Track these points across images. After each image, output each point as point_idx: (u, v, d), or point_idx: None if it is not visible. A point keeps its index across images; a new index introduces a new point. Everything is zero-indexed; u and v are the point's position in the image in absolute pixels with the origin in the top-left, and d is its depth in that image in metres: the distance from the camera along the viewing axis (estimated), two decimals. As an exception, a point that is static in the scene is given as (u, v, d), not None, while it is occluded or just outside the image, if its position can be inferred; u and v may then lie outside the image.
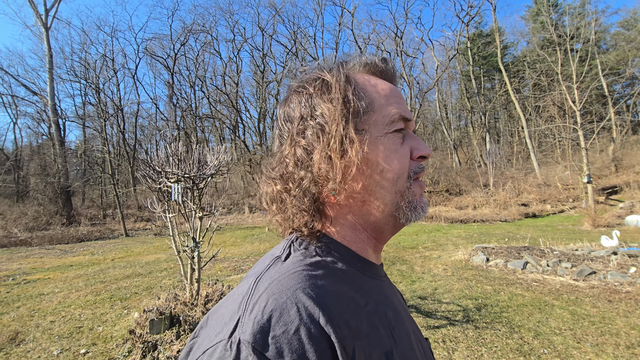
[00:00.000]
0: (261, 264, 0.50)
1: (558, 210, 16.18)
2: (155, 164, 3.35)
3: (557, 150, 27.49)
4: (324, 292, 0.42)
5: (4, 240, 13.49)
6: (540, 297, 4.41)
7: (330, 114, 0.51)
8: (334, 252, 0.51)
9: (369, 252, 0.56)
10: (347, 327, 0.40)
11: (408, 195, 0.53)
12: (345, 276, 0.48)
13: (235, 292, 0.46)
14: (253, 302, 0.40)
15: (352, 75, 0.55)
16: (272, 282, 0.42)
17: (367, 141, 0.51)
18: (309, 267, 0.45)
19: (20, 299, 5.45)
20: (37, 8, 21.87)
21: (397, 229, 0.56)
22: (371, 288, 0.51)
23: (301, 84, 0.56)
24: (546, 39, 25.94)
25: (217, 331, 0.39)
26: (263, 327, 0.37)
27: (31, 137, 33.26)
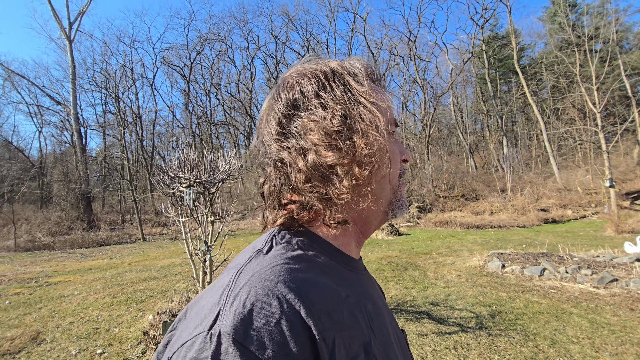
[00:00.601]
0: (242, 256, 0.49)
1: (579, 215, 15.66)
2: (169, 169, 3.45)
3: (577, 153, 26.63)
4: (305, 285, 0.42)
5: (29, 245, 14.04)
6: (557, 305, 4.28)
7: (352, 107, 0.52)
8: (316, 246, 0.52)
9: (352, 247, 0.57)
10: (329, 318, 0.41)
11: (398, 193, 0.57)
12: (327, 269, 0.49)
13: (215, 285, 0.45)
14: (234, 295, 0.40)
15: (364, 79, 0.57)
16: (254, 274, 0.42)
17: (386, 138, 0.53)
18: (290, 260, 0.46)
19: (42, 300, 5.66)
20: (61, 22, 22.92)
21: (382, 224, 0.59)
22: (352, 281, 0.52)
23: (316, 80, 0.55)
24: (564, 40, 25.34)
25: (196, 323, 0.39)
26: (244, 319, 0.37)
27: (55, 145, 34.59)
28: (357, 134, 0.51)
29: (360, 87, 0.53)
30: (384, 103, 0.56)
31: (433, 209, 19.08)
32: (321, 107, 0.52)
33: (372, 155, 0.51)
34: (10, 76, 26.78)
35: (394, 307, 4.43)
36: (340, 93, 0.52)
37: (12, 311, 5.09)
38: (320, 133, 0.50)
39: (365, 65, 0.58)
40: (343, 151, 0.50)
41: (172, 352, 0.38)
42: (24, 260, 10.60)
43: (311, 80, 0.54)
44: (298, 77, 0.55)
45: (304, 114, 0.52)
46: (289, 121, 0.53)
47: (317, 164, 0.50)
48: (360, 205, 0.53)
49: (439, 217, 16.29)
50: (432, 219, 15.94)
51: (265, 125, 0.56)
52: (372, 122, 0.52)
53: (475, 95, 37.81)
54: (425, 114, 30.63)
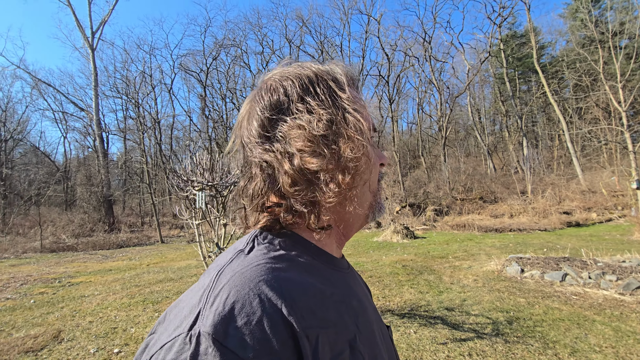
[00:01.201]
0: (224, 257, 0.49)
1: (605, 218, 15.01)
2: (182, 173, 3.52)
3: (602, 154, 25.60)
4: (287, 283, 0.42)
5: (54, 246, 14.60)
6: (579, 312, 4.11)
7: (336, 112, 0.53)
8: (298, 246, 0.52)
9: (333, 247, 0.59)
10: (313, 316, 0.41)
11: (378, 196, 0.59)
12: (309, 268, 0.49)
13: (196, 286, 0.45)
14: (214, 295, 0.39)
15: (346, 85, 0.58)
16: (235, 274, 0.42)
17: (368, 141, 0.55)
18: (272, 260, 0.46)
19: (64, 300, 5.86)
20: (84, 31, 23.87)
21: (363, 226, 0.60)
22: (336, 279, 0.53)
23: (307, 80, 0.56)
24: (587, 37, 24.48)
25: (175, 325, 0.39)
26: (224, 318, 0.36)
27: (78, 149, 36.00)
28: (343, 138, 0.51)
29: (342, 93, 0.54)
30: (364, 109, 0.57)
31: (450, 211, 18.72)
32: (307, 111, 0.52)
33: (357, 160, 0.51)
34: (38, 84, 28.07)
35: (408, 312, 4.36)
36: (325, 97, 0.53)
37: (37, 310, 5.29)
38: (306, 138, 0.50)
39: (345, 70, 0.58)
40: (328, 156, 0.50)
41: (150, 354, 0.37)
42: (49, 261, 11.02)
43: (295, 83, 0.54)
44: (281, 79, 0.55)
45: (289, 118, 0.52)
46: (273, 124, 0.53)
47: (302, 169, 0.50)
48: (346, 209, 0.54)
49: (456, 220, 15.95)
50: (448, 222, 15.62)
51: (247, 127, 0.56)
52: (357, 127, 0.52)
53: (493, 96, 36.99)
54: (441, 115, 30.15)
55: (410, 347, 3.33)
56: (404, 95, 37.42)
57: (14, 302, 5.79)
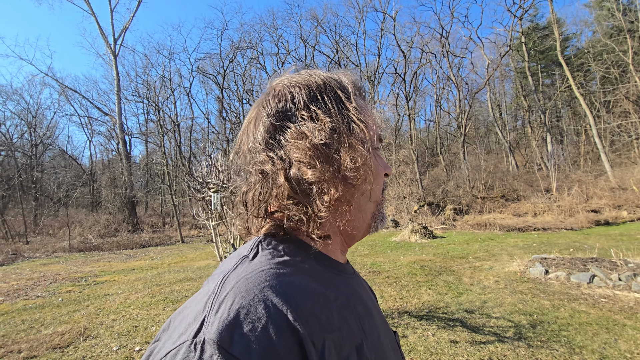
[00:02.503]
0: (228, 263, 0.49)
1: (637, 217, 14.27)
2: (198, 175, 3.58)
3: (633, 149, 24.36)
4: (292, 289, 0.42)
5: (81, 246, 15.20)
6: (608, 316, 3.91)
7: (341, 121, 0.53)
8: (302, 252, 0.52)
9: (337, 253, 0.59)
10: (317, 321, 0.41)
11: (381, 206, 0.59)
12: (314, 274, 0.49)
13: (200, 293, 0.45)
14: (219, 301, 0.39)
15: (351, 93, 0.58)
16: (239, 280, 0.42)
17: (369, 153, 0.55)
18: (277, 265, 0.45)
19: (90, 298, 6.08)
20: (107, 39, 24.70)
21: (365, 236, 0.59)
22: (340, 283, 0.53)
23: (310, 90, 0.57)
24: (615, 27, 23.36)
25: (180, 332, 0.38)
26: (229, 324, 0.36)
27: (103, 153, 37.40)
28: (345, 147, 0.51)
29: (348, 102, 0.54)
30: (370, 118, 0.57)
31: (470, 210, 18.28)
32: (310, 119, 0.52)
33: (357, 169, 0.51)
34: (65, 91, 29.31)
35: (426, 314, 4.28)
36: (332, 106, 0.53)
37: (64, 308, 5.51)
38: (306, 147, 0.50)
39: (352, 80, 0.59)
40: (328, 165, 0.50)
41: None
42: (76, 260, 11.49)
43: (302, 90, 0.54)
44: (289, 85, 0.55)
45: (292, 126, 0.52)
46: (276, 131, 0.53)
47: (299, 179, 0.50)
48: (346, 218, 0.54)
49: (476, 219, 15.56)
50: (469, 221, 15.25)
51: (253, 131, 0.56)
52: (359, 137, 0.53)
53: (514, 91, 35.82)
54: (460, 111, 29.50)
55: (428, 350, 3.26)
56: (421, 92, 36.82)
57: (44, 300, 6.06)
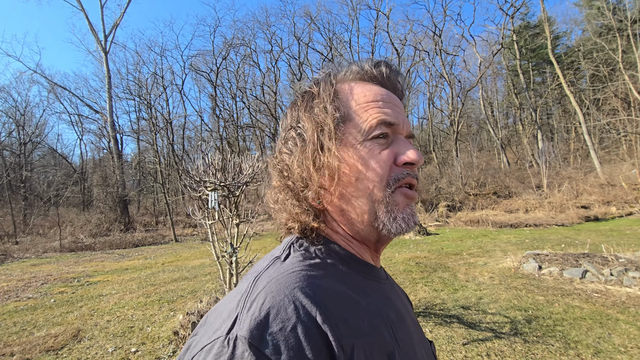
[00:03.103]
0: (261, 263, 0.51)
1: (625, 212, 14.56)
2: (195, 173, 3.54)
3: (622, 146, 24.78)
4: (321, 292, 0.42)
5: (73, 245, 14.97)
6: (601, 310, 3.98)
7: (308, 125, 0.54)
8: (334, 255, 0.52)
9: (367, 258, 0.56)
10: (346, 326, 0.41)
11: (388, 204, 0.51)
12: (345, 277, 0.49)
13: (234, 291, 0.47)
14: (251, 300, 0.41)
15: (337, 85, 0.57)
16: (271, 280, 0.43)
17: (342, 150, 0.52)
18: (308, 268, 0.46)
19: (83, 299, 5.99)
20: (97, 35, 24.28)
21: (384, 240, 0.55)
22: (372, 289, 0.51)
23: (294, 97, 0.61)
24: (604, 25, 23.69)
25: (215, 328, 0.40)
26: (260, 323, 0.37)
27: (94, 151, 36.85)
28: (296, 158, 0.54)
29: (318, 105, 0.55)
30: (362, 104, 0.54)
31: (463, 207, 18.45)
32: (295, 128, 0.57)
33: (319, 172, 0.52)
34: (54, 88, 28.78)
35: (422, 311, 4.30)
36: (302, 112, 0.56)
37: (57, 309, 5.43)
38: (279, 159, 0.57)
39: (354, 67, 0.59)
40: (286, 175, 0.55)
41: (191, 355, 0.39)
42: (68, 261, 11.31)
43: (292, 107, 0.60)
44: (297, 94, 0.62)
45: (279, 139, 0.60)
46: (285, 141, 0.58)
47: (280, 186, 0.57)
48: (346, 220, 0.54)
49: (469, 215, 15.70)
50: (462, 218, 15.40)
51: (279, 137, 0.62)
52: (320, 140, 0.53)
53: (506, 88, 36.18)
54: (453, 109, 29.69)
55: (426, 347, 3.27)
56: (414, 90, 36.93)
57: (35, 302, 5.96)
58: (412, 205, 0.53)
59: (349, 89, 0.56)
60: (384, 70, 0.58)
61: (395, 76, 0.59)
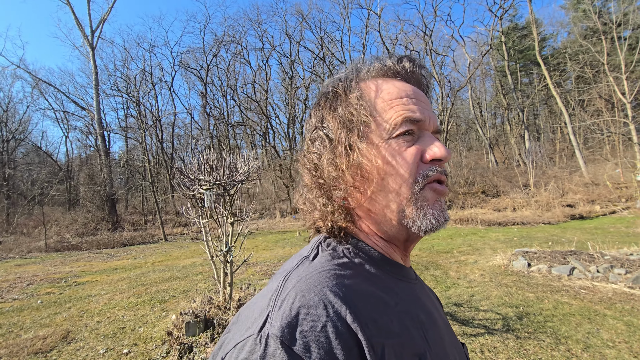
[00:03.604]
0: (290, 263, 0.51)
1: (609, 211, 14.96)
2: (189, 172, 3.49)
3: (605, 146, 25.44)
4: (350, 291, 0.42)
5: (58, 245, 14.64)
6: (589, 306, 4.08)
7: (333, 124, 0.54)
8: (362, 254, 0.52)
9: (396, 257, 0.56)
10: (376, 325, 0.40)
11: (417, 201, 0.50)
12: (373, 277, 0.48)
13: (265, 290, 0.47)
14: (282, 299, 0.41)
15: (360, 83, 0.57)
16: (300, 279, 0.43)
17: (369, 148, 0.52)
18: (336, 267, 0.46)
19: (71, 300, 5.87)
20: (84, 30, 23.73)
21: (414, 238, 0.54)
22: (401, 289, 0.51)
23: (318, 97, 0.61)
24: (589, 28, 24.24)
25: (247, 326, 0.41)
26: (291, 322, 0.38)
27: (80, 149, 36.03)
28: (325, 157, 0.54)
29: (342, 104, 0.55)
30: (386, 101, 0.54)
31: (452, 206, 18.69)
32: (316, 128, 0.58)
33: (347, 172, 0.52)
34: (38, 84, 28.02)
35: (416, 308, 4.35)
36: (326, 112, 0.57)
37: (44, 310, 5.30)
38: (308, 159, 0.57)
39: (376, 63, 0.58)
40: (316, 174, 0.55)
41: (225, 352, 0.40)
42: (54, 261, 11.05)
43: (316, 107, 0.60)
44: (313, 105, 0.62)
45: (305, 139, 0.61)
46: (311, 143, 0.59)
47: (307, 187, 0.58)
48: (374, 220, 0.54)
49: (459, 214, 15.91)
50: (452, 216, 15.57)
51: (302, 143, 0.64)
52: (347, 139, 0.53)
53: (494, 89, 36.75)
54: (442, 109, 30.00)
55: (421, 344, 3.31)
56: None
57: (21, 303, 5.81)
58: (442, 201, 0.52)
59: (373, 86, 0.55)
60: (407, 65, 0.57)
61: (419, 70, 0.59)
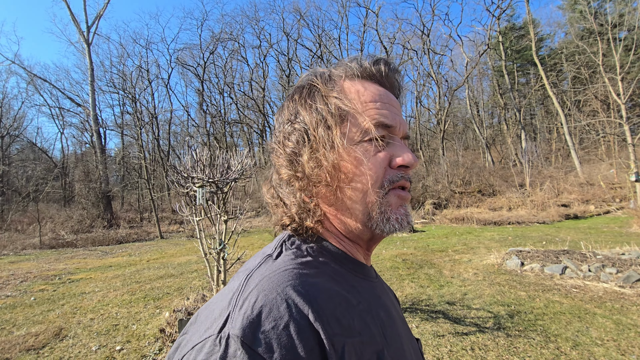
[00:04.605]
0: (252, 261, 0.50)
1: (603, 211, 15.09)
2: (182, 169, 3.49)
3: (600, 147, 25.66)
4: (314, 290, 0.42)
5: (53, 242, 14.56)
6: (580, 305, 4.13)
7: (308, 120, 0.53)
8: (325, 253, 0.52)
9: (359, 256, 0.56)
10: (338, 324, 0.41)
11: (380, 205, 0.51)
12: (336, 276, 0.49)
13: (225, 289, 0.46)
14: (243, 298, 0.40)
15: (338, 81, 0.56)
16: (263, 278, 0.43)
17: (340, 149, 0.51)
18: (299, 266, 0.46)
19: (65, 297, 5.85)
20: (79, 26, 23.55)
21: (377, 239, 0.56)
22: (363, 288, 0.52)
23: (292, 90, 0.60)
24: (586, 29, 24.34)
25: (206, 327, 0.40)
26: (252, 322, 0.37)
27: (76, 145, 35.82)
28: (305, 152, 0.53)
29: (320, 101, 0.54)
30: (359, 104, 0.53)
31: (449, 205, 18.76)
32: (290, 124, 0.56)
33: (317, 170, 0.52)
34: (33, 80, 27.78)
35: (409, 307, 4.37)
36: (300, 107, 0.56)
37: (37, 307, 5.28)
38: (279, 154, 0.56)
39: (354, 64, 0.57)
40: (295, 169, 0.54)
41: (182, 354, 0.38)
42: (48, 258, 11.00)
43: (289, 100, 0.58)
44: (286, 98, 0.61)
45: (276, 132, 0.59)
46: (273, 136, 0.60)
47: (277, 181, 0.58)
48: (340, 220, 0.54)
49: (454, 213, 15.97)
50: (447, 215, 15.65)
51: (272, 135, 0.63)
52: (321, 137, 0.52)
53: (491, 89, 36.88)
54: (439, 108, 30.07)
55: (413, 342, 3.33)
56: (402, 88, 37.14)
57: (14, 300, 5.78)
58: (406, 205, 0.54)
59: (347, 86, 0.55)
60: (383, 68, 0.57)
61: (393, 75, 0.59)
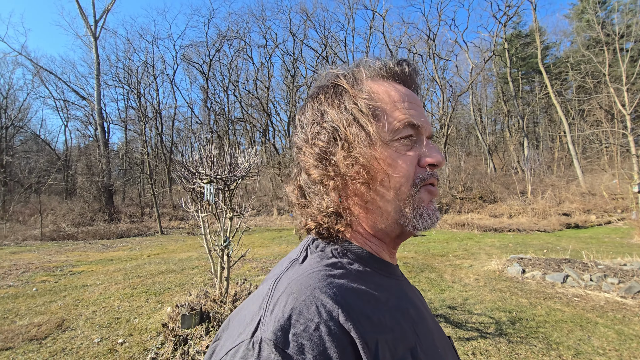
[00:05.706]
0: (279, 266, 0.52)
1: (604, 221, 15.06)
2: (190, 165, 3.51)
3: (603, 157, 25.62)
4: (341, 290, 0.43)
5: (54, 234, 14.60)
6: (581, 314, 4.13)
7: (339, 119, 0.53)
8: (350, 254, 0.52)
9: (384, 255, 0.57)
10: (369, 321, 0.41)
11: (413, 202, 0.52)
12: (362, 276, 0.49)
13: (255, 295, 0.48)
14: (273, 303, 0.41)
15: (365, 80, 0.56)
16: (291, 282, 0.44)
17: (377, 146, 0.51)
18: (326, 268, 0.47)
19: (67, 289, 5.87)
20: (87, 19, 23.64)
21: (405, 236, 0.56)
22: (390, 286, 0.52)
23: (315, 89, 0.60)
24: (592, 38, 24.34)
25: (239, 332, 0.41)
26: (284, 325, 0.38)
27: (79, 138, 35.86)
28: (338, 150, 0.52)
29: (349, 101, 0.54)
30: (385, 107, 0.54)
31: (449, 210, 18.76)
32: (318, 124, 0.56)
33: (353, 168, 0.52)
34: (39, 72, 27.88)
35: (410, 309, 4.38)
36: (328, 107, 0.55)
37: (39, 298, 5.30)
38: (308, 153, 0.55)
39: (378, 64, 0.58)
40: (326, 168, 0.53)
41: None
42: (49, 249, 11.03)
43: (314, 100, 0.58)
44: (308, 97, 0.60)
45: (300, 132, 0.58)
46: (296, 135, 0.59)
47: (307, 181, 0.56)
48: (369, 219, 0.54)
49: (455, 218, 15.97)
50: (448, 221, 15.64)
51: (295, 134, 0.61)
52: (356, 136, 0.52)
53: (495, 95, 36.87)
54: (443, 113, 30.06)
55: (414, 345, 3.34)
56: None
57: (17, 290, 5.81)
58: (434, 201, 0.55)
59: (375, 86, 0.55)
60: (406, 69, 0.58)
61: (415, 75, 0.60)
